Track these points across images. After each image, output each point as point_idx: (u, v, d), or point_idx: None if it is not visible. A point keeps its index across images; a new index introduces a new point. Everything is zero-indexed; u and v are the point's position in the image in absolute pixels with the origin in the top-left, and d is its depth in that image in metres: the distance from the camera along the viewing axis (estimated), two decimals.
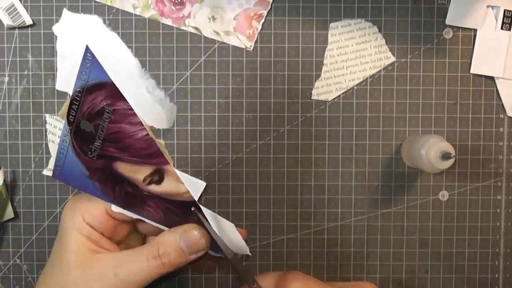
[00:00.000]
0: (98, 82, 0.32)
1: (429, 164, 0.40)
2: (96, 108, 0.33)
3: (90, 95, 0.32)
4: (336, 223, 0.47)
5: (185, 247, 0.36)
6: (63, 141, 0.34)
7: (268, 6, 0.45)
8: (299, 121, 0.46)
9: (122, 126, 0.33)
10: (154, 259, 0.36)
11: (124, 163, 0.35)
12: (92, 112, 0.33)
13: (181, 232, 0.37)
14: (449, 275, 0.47)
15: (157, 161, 0.35)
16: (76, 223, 0.37)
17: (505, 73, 0.46)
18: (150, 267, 0.36)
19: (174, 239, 0.36)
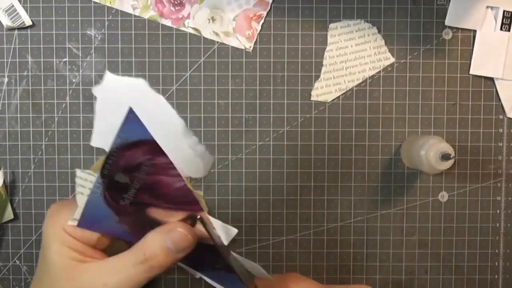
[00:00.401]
0: (138, 140, 0.33)
1: (429, 165, 0.40)
2: (134, 162, 0.33)
3: (128, 151, 0.33)
4: (336, 224, 0.47)
5: (172, 246, 0.35)
6: (94, 192, 0.35)
7: (267, 7, 0.45)
8: (299, 122, 0.46)
9: (160, 177, 0.34)
10: (141, 264, 0.35)
11: (157, 208, 0.36)
12: (129, 166, 0.34)
13: (166, 231, 0.35)
14: (448, 276, 0.47)
15: (192, 208, 0.35)
16: (57, 234, 0.36)
17: (504, 74, 0.46)
18: (139, 273, 0.35)
19: (159, 240, 0.35)
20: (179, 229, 0.35)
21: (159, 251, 0.35)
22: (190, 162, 0.41)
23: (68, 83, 0.46)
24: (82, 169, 0.45)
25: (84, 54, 0.46)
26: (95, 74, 0.46)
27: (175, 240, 0.35)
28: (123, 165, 0.34)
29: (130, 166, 0.34)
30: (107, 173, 0.34)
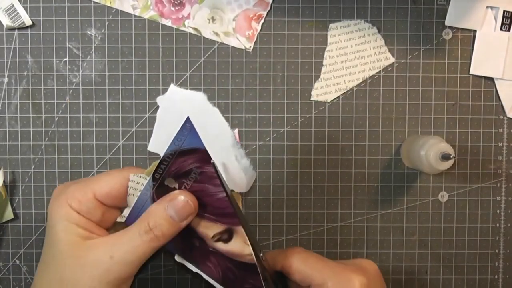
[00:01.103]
0: (191, 148, 0.35)
1: (429, 165, 0.40)
2: (184, 169, 0.36)
3: (181, 158, 0.35)
4: (336, 224, 0.47)
5: (174, 215, 0.35)
6: (144, 194, 0.37)
7: (267, 7, 0.45)
8: (299, 122, 0.46)
9: (205, 186, 0.36)
10: (146, 233, 0.35)
11: (197, 218, 0.37)
12: (179, 172, 0.36)
13: (168, 201, 0.36)
14: (448, 276, 0.47)
15: (229, 221, 0.37)
16: (63, 212, 0.36)
17: (504, 74, 0.46)
18: (144, 243, 0.35)
19: (162, 209, 0.36)
20: (180, 196, 0.36)
21: (162, 220, 0.35)
22: (235, 175, 0.45)
23: (68, 83, 0.46)
24: (82, 169, 0.46)
25: (84, 54, 0.46)
26: (95, 74, 0.46)
27: (177, 208, 0.36)
28: (174, 170, 0.36)
29: (180, 172, 0.36)
30: (158, 177, 0.36)
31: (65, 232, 0.35)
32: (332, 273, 0.37)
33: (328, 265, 0.38)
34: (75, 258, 0.35)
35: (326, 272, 0.37)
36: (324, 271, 0.37)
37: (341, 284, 0.36)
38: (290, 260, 0.38)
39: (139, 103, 0.46)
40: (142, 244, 0.35)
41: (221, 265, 0.38)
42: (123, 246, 0.35)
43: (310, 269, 0.37)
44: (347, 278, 0.37)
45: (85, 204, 0.36)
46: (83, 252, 0.35)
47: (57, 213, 0.36)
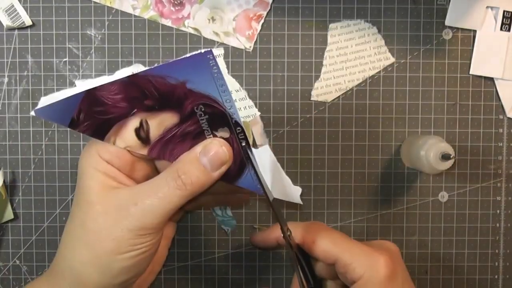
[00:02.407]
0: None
1: (429, 165, 0.40)
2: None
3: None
4: (336, 224, 0.47)
5: (207, 162, 0.34)
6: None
7: (267, 7, 0.45)
8: (299, 122, 0.46)
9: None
10: (174, 180, 0.33)
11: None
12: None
13: (201, 147, 0.34)
14: (448, 276, 0.47)
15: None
16: (92, 161, 0.35)
17: (504, 74, 0.46)
18: (171, 190, 0.33)
19: (194, 155, 0.34)
20: (215, 141, 0.34)
21: (192, 167, 0.34)
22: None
23: (68, 83, 0.46)
24: None
25: (84, 54, 0.46)
26: (95, 74, 0.46)
27: (210, 154, 0.34)
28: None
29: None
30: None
31: (92, 180, 0.34)
32: (359, 253, 0.36)
33: (355, 245, 0.37)
34: (100, 205, 0.34)
35: (353, 252, 0.36)
36: (352, 251, 0.36)
37: (368, 264, 0.35)
38: (314, 237, 0.37)
39: None
40: (168, 192, 0.33)
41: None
42: (148, 193, 0.33)
43: (337, 248, 0.36)
44: (375, 259, 0.36)
45: (114, 154, 0.35)
46: (108, 199, 0.34)
47: (86, 162, 0.35)
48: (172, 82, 0.35)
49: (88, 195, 0.34)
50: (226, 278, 0.47)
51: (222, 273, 0.47)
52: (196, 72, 0.35)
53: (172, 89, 0.35)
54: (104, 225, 0.33)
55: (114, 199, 0.34)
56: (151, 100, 0.35)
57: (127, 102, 0.35)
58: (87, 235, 0.34)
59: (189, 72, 0.35)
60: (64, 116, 0.35)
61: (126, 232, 0.33)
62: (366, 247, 0.37)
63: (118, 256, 0.33)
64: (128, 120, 0.36)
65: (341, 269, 0.36)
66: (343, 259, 0.36)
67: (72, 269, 0.34)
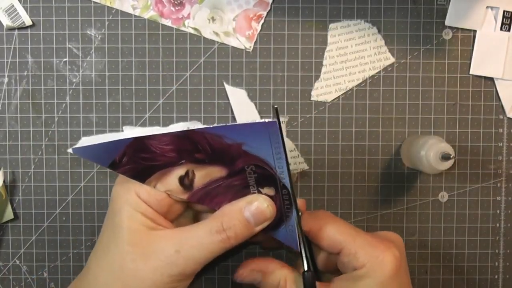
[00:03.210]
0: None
1: (429, 165, 0.40)
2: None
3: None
4: None
5: (251, 218, 0.34)
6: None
7: (267, 7, 0.45)
8: (299, 122, 0.46)
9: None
10: (218, 233, 0.34)
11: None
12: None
13: (246, 202, 0.35)
14: (448, 276, 0.47)
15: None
16: (130, 200, 0.35)
17: (504, 74, 0.46)
18: (214, 242, 0.33)
19: (238, 210, 0.34)
20: (260, 199, 0.35)
21: (237, 221, 0.34)
22: None
23: (68, 83, 0.46)
24: (82, 169, 0.46)
25: (84, 54, 0.46)
26: (95, 74, 0.46)
27: (255, 211, 0.34)
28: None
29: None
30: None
31: (130, 219, 0.34)
32: (365, 243, 0.36)
33: (361, 234, 0.36)
34: (139, 247, 0.34)
35: (359, 242, 0.36)
36: (357, 240, 0.36)
37: (373, 255, 0.35)
38: (320, 224, 0.37)
39: (139, 103, 0.46)
40: (211, 243, 0.34)
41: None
42: (191, 241, 0.34)
43: (343, 237, 0.36)
44: (380, 250, 0.35)
45: (153, 196, 0.35)
46: (148, 242, 0.34)
47: (124, 199, 0.35)
48: (228, 142, 0.34)
49: (126, 235, 0.34)
50: (226, 278, 0.47)
51: (222, 273, 0.47)
52: (255, 137, 0.34)
53: (226, 148, 0.35)
54: (144, 268, 0.33)
55: (155, 242, 0.34)
56: (202, 154, 0.35)
57: (177, 153, 0.35)
58: (125, 276, 0.34)
59: (247, 136, 0.34)
60: (105, 157, 0.35)
61: (166, 277, 0.33)
62: (372, 238, 0.36)
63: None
64: (174, 168, 0.35)
65: (345, 258, 0.36)
66: (347, 248, 0.36)
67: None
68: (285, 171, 0.35)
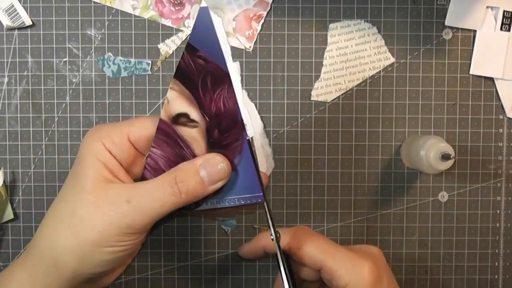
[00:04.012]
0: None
1: (429, 165, 0.40)
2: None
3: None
4: (336, 224, 0.47)
5: (205, 176, 0.34)
6: None
7: (267, 7, 0.45)
8: (299, 122, 0.46)
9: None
10: (170, 186, 0.34)
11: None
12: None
13: (203, 160, 0.35)
14: (448, 276, 0.47)
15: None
16: (95, 148, 0.35)
17: (504, 73, 0.46)
18: (165, 195, 0.34)
19: (194, 167, 0.35)
20: (217, 158, 0.35)
21: (191, 177, 0.34)
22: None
23: (68, 83, 0.46)
24: None
25: (84, 54, 0.46)
26: (95, 74, 0.46)
27: (210, 170, 0.35)
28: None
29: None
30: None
31: (91, 168, 0.35)
32: (344, 260, 0.36)
33: (340, 251, 0.37)
34: (93, 195, 0.34)
35: (338, 259, 0.36)
36: (337, 257, 0.37)
37: (354, 271, 0.36)
38: (300, 243, 0.37)
39: (139, 103, 0.46)
40: (163, 196, 0.34)
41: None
42: (142, 192, 0.34)
43: (323, 255, 0.37)
44: (359, 265, 0.36)
45: (118, 146, 0.35)
46: (102, 191, 0.34)
47: (89, 147, 0.35)
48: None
49: (84, 183, 0.35)
50: (226, 278, 0.47)
51: (222, 273, 0.47)
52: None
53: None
54: (94, 216, 0.34)
55: (109, 192, 0.34)
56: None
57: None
58: (74, 222, 0.34)
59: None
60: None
61: (113, 227, 0.34)
62: (351, 253, 0.37)
63: (100, 249, 0.34)
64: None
65: (327, 276, 0.37)
66: (328, 265, 0.36)
67: (52, 251, 0.35)
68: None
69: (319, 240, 0.38)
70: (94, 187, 0.34)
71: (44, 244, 0.35)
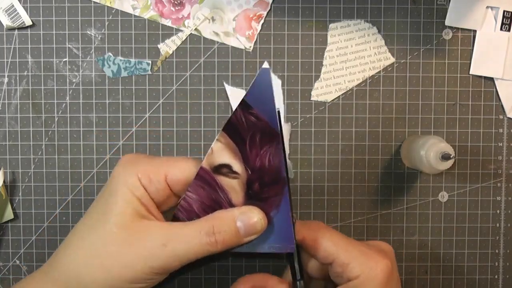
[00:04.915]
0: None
1: (429, 165, 0.40)
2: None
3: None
4: (336, 224, 0.47)
5: (242, 227, 0.34)
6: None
7: (267, 7, 0.45)
8: (299, 122, 0.46)
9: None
10: (207, 235, 0.34)
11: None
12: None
13: (240, 212, 0.35)
14: (448, 276, 0.47)
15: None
16: (129, 182, 0.34)
17: (504, 74, 0.46)
18: (202, 243, 0.34)
19: (231, 218, 0.34)
20: (254, 212, 0.35)
21: (228, 228, 0.34)
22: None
23: (68, 83, 0.46)
24: (82, 169, 0.46)
25: (84, 54, 0.46)
26: (95, 74, 0.46)
27: (247, 222, 0.35)
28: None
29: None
30: None
31: (125, 202, 0.34)
32: (358, 254, 0.36)
33: (353, 245, 0.37)
34: (127, 233, 0.33)
35: (352, 253, 0.36)
36: (350, 251, 0.36)
37: (367, 266, 0.36)
38: (315, 236, 0.37)
39: (139, 103, 0.46)
40: (199, 244, 0.34)
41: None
42: (179, 238, 0.34)
43: (337, 248, 0.37)
44: (373, 261, 0.36)
45: (154, 184, 0.35)
46: (136, 229, 0.34)
47: (123, 180, 0.34)
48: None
49: (117, 218, 0.34)
50: (226, 278, 0.47)
51: (222, 273, 0.47)
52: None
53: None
54: (127, 254, 0.33)
55: (143, 232, 0.34)
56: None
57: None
58: (106, 257, 0.34)
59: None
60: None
61: (147, 267, 0.33)
62: (365, 248, 0.37)
63: (130, 285, 0.34)
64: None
65: (338, 268, 0.36)
66: (341, 258, 0.36)
67: (78, 281, 0.34)
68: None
69: (333, 233, 0.38)
70: (128, 223, 0.34)
71: (70, 274, 0.35)
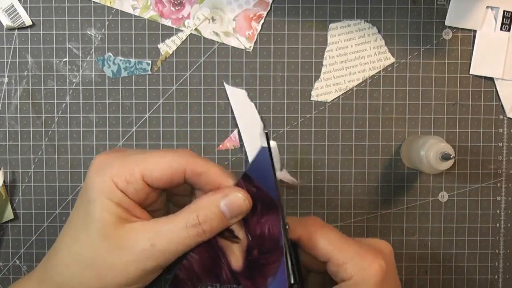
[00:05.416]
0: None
1: (429, 165, 0.40)
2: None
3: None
4: (336, 224, 0.47)
5: (226, 210, 0.34)
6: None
7: (267, 7, 0.45)
8: (299, 122, 0.46)
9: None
10: (194, 227, 0.33)
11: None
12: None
13: (222, 195, 0.34)
14: (448, 276, 0.47)
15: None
16: (105, 189, 0.33)
17: (504, 74, 0.46)
18: (189, 236, 0.33)
19: (214, 203, 0.34)
20: (237, 193, 0.34)
21: (213, 215, 0.34)
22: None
23: (68, 83, 0.46)
24: (82, 169, 0.46)
25: (84, 54, 0.46)
26: (95, 74, 0.46)
27: (232, 205, 0.34)
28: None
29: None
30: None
31: (105, 211, 0.33)
32: (353, 254, 0.36)
33: (349, 244, 0.36)
34: (113, 240, 0.33)
35: (347, 252, 0.36)
36: (345, 250, 0.36)
37: (362, 266, 0.35)
38: (310, 233, 0.37)
39: (139, 103, 0.46)
40: (187, 237, 0.33)
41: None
42: (166, 235, 0.33)
43: (332, 248, 0.36)
44: (368, 261, 0.35)
45: (132, 185, 0.34)
46: (122, 235, 0.33)
47: (99, 188, 0.34)
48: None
49: (99, 226, 0.33)
50: None
51: None
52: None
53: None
54: (118, 261, 0.33)
55: (129, 235, 0.33)
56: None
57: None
58: (99, 268, 0.33)
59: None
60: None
61: (139, 270, 0.33)
62: (360, 248, 0.36)
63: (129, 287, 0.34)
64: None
65: (333, 268, 0.36)
66: (335, 258, 0.36)
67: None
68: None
69: (329, 231, 0.37)
70: (111, 231, 0.33)
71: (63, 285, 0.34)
